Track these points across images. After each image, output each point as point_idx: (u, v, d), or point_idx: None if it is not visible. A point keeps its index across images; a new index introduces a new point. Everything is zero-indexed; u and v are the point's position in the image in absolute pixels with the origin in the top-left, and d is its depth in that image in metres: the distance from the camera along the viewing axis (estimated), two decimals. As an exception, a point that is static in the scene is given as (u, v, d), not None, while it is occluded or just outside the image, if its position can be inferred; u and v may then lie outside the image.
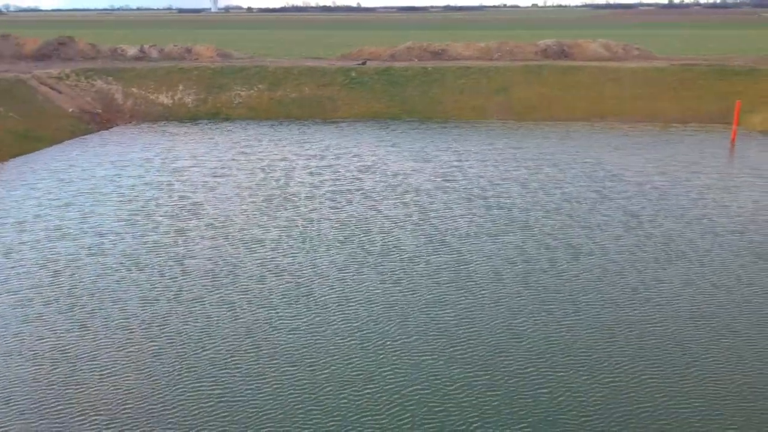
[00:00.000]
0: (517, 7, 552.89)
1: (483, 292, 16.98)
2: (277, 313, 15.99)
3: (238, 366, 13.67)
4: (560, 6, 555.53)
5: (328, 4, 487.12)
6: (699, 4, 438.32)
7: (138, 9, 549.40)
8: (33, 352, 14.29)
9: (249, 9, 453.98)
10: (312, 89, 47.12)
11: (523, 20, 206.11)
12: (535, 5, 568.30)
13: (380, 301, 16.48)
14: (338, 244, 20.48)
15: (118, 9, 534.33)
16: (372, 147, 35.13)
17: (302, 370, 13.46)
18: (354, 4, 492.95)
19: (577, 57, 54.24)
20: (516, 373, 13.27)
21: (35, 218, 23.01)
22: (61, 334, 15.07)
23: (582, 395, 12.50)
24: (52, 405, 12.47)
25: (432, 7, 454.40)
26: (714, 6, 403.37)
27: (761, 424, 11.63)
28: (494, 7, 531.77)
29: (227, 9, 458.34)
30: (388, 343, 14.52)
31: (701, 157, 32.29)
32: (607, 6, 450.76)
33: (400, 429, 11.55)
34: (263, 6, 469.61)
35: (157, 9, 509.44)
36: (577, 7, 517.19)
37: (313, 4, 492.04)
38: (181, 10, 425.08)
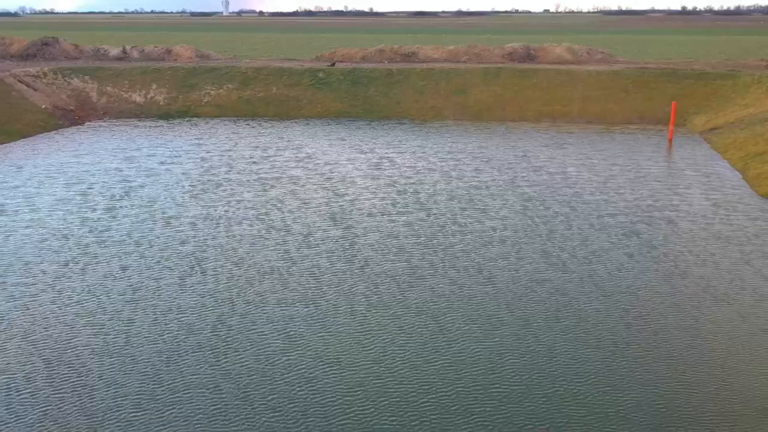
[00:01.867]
0: (529, 12, 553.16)
1: (366, 261, 18.67)
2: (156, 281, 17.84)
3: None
4: (571, 12, 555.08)
5: (340, 8, 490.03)
6: (711, 11, 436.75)
7: (152, 12, 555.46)
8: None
9: (261, 13, 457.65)
10: (280, 89, 49.04)
11: (533, 25, 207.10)
12: (546, 11, 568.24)
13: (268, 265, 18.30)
14: (246, 222, 22.32)
15: (132, 12, 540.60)
16: (319, 142, 36.99)
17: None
18: (366, 9, 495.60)
19: (542, 60, 55.83)
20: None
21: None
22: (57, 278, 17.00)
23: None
24: None
25: (443, 12, 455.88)
26: (726, 12, 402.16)
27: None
28: (506, 12, 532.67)
29: (239, 13, 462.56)
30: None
31: (628, 155, 33.85)
32: (618, 12, 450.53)
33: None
34: (275, 10, 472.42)
35: (171, 12, 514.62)
36: (588, 13, 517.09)
37: (325, 8, 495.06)
38: (194, 14, 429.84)
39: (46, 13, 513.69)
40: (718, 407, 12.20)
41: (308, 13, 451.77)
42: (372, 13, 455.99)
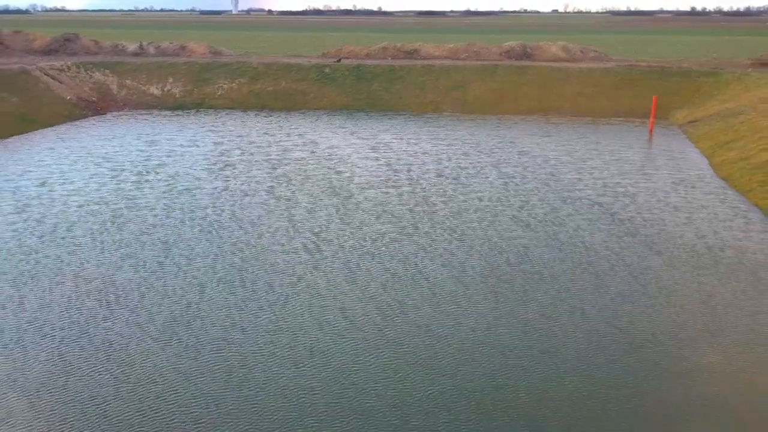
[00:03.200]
0: (538, 12, 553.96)
1: (361, 223, 21.76)
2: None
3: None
4: (580, 12, 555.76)
5: (349, 8, 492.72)
6: (721, 11, 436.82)
7: (161, 10, 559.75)
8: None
9: (270, 11, 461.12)
10: (288, 83, 52.19)
11: (539, 25, 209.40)
12: (555, 11, 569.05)
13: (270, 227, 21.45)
14: (257, 193, 25.47)
15: (142, 10, 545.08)
16: (323, 130, 40.13)
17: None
18: (375, 8, 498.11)
19: (538, 58, 58.75)
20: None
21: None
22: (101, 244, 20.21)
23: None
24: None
25: (451, 11, 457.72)
26: (736, 13, 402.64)
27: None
28: (514, 12, 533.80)
29: (248, 11, 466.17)
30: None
31: (608, 143, 36.83)
32: (627, 12, 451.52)
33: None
34: (284, 9, 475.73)
35: (180, 11, 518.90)
36: (597, 13, 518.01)
37: (334, 7, 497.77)
38: (203, 12, 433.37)
39: (57, 10, 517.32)
40: (647, 330, 15.22)
41: (317, 12, 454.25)
42: (380, 12, 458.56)
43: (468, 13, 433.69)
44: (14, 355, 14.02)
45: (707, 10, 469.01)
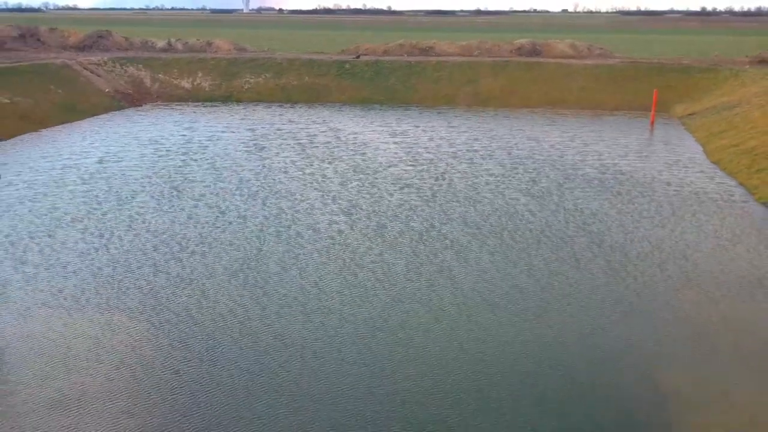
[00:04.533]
0: (547, 12, 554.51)
1: (382, 195, 24.98)
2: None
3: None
4: (590, 12, 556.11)
5: (359, 7, 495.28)
6: (731, 11, 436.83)
7: (172, 9, 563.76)
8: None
9: (280, 10, 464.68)
10: (311, 78, 55.49)
11: (549, 24, 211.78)
12: (565, 10, 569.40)
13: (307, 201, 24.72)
14: (289, 170, 28.75)
15: (153, 8, 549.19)
16: (346, 119, 43.44)
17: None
18: (384, 7, 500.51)
19: (547, 55, 61.84)
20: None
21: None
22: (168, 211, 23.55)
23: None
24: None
25: (461, 11, 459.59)
26: (746, 14, 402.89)
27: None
28: (523, 12, 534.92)
29: (259, 10, 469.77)
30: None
31: (610, 132, 39.92)
32: (637, 12, 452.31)
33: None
34: (295, 8, 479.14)
35: (191, 9, 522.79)
36: (606, 13, 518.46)
37: (344, 6, 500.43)
38: (214, 11, 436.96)
39: (69, 9, 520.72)
40: (632, 272, 18.40)
41: (327, 11, 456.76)
42: (390, 12, 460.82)
43: (478, 13, 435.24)
44: (116, 277, 17.32)
45: (718, 10, 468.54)
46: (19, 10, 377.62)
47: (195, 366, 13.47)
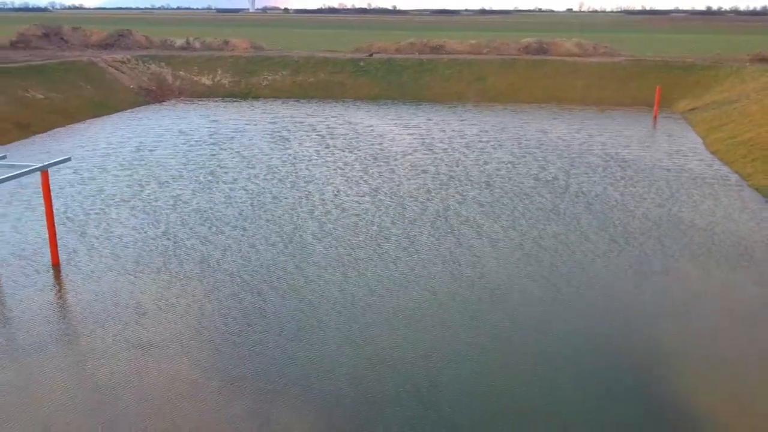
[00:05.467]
0: (552, 11, 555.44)
1: (401, 180, 27.07)
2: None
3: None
4: (594, 11, 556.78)
5: (363, 6, 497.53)
6: (737, 11, 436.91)
7: (178, 8, 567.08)
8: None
9: (286, 9, 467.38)
10: (326, 75, 57.65)
11: (554, 24, 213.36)
12: (570, 10, 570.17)
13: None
14: (312, 157, 30.91)
15: (159, 8, 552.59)
16: (361, 114, 45.58)
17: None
18: (389, 6, 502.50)
19: (554, 53, 63.85)
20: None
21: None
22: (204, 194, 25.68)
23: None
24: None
25: (465, 10, 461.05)
26: (752, 13, 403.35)
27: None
28: (528, 11, 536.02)
29: (265, 9, 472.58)
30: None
31: (614, 125, 41.95)
32: (642, 12, 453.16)
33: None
34: (300, 7, 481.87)
35: (197, 9, 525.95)
36: (612, 12, 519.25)
37: (348, 6, 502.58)
38: (219, 10, 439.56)
39: (75, 8, 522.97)
40: (627, 232, 20.46)
41: (332, 11, 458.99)
42: (395, 11, 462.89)
43: (482, 12, 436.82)
44: (169, 247, 19.47)
45: (723, 10, 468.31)
46: (26, 9, 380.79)
47: (245, 316, 15.58)
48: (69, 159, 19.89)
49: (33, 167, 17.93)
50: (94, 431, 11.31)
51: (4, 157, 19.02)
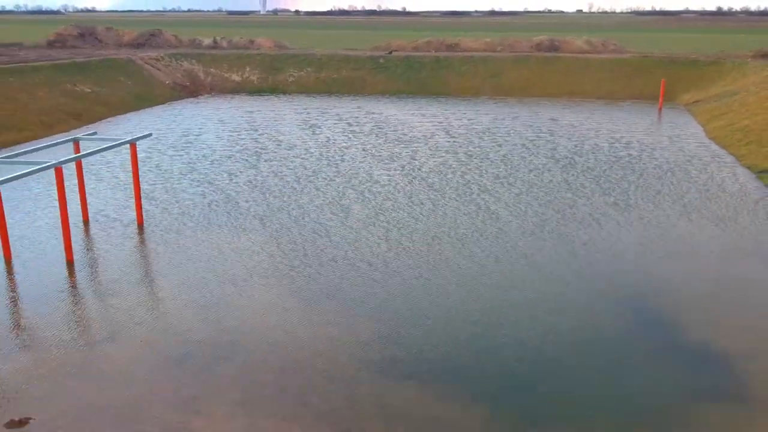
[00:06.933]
0: (562, 12, 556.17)
1: (420, 162, 30.24)
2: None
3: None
4: (605, 12, 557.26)
5: (373, 8, 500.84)
6: (747, 11, 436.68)
7: (189, 10, 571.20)
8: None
9: (297, 12, 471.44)
10: (348, 72, 60.96)
11: (563, 24, 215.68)
12: (579, 11, 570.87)
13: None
14: (340, 143, 34.17)
15: (170, 10, 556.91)
16: (383, 106, 48.88)
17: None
18: (399, 8, 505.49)
19: (564, 50, 66.91)
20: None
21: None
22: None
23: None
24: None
25: (475, 11, 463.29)
26: (763, 13, 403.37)
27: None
28: (538, 12, 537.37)
29: (275, 11, 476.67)
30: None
31: (622, 116, 45.02)
32: (651, 12, 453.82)
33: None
34: (310, 9, 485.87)
35: (207, 11, 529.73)
36: (622, 13, 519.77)
37: (359, 8, 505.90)
38: (230, 12, 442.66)
39: (88, 11, 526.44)
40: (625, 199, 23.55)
41: (342, 12, 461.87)
42: (405, 13, 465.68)
43: (492, 13, 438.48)
44: (234, 208, 22.72)
45: (733, 10, 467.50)
46: (39, 12, 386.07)
47: (305, 257, 18.81)
48: (150, 135, 23.16)
49: (123, 140, 21.22)
50: (197, 331, 14.53)
51: (94, 133, 22.35)
